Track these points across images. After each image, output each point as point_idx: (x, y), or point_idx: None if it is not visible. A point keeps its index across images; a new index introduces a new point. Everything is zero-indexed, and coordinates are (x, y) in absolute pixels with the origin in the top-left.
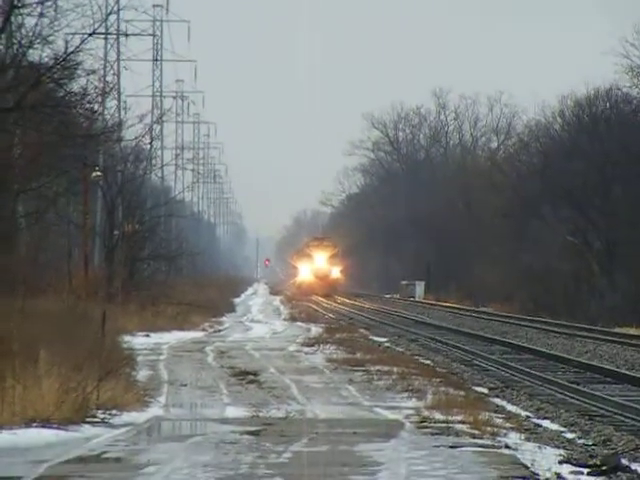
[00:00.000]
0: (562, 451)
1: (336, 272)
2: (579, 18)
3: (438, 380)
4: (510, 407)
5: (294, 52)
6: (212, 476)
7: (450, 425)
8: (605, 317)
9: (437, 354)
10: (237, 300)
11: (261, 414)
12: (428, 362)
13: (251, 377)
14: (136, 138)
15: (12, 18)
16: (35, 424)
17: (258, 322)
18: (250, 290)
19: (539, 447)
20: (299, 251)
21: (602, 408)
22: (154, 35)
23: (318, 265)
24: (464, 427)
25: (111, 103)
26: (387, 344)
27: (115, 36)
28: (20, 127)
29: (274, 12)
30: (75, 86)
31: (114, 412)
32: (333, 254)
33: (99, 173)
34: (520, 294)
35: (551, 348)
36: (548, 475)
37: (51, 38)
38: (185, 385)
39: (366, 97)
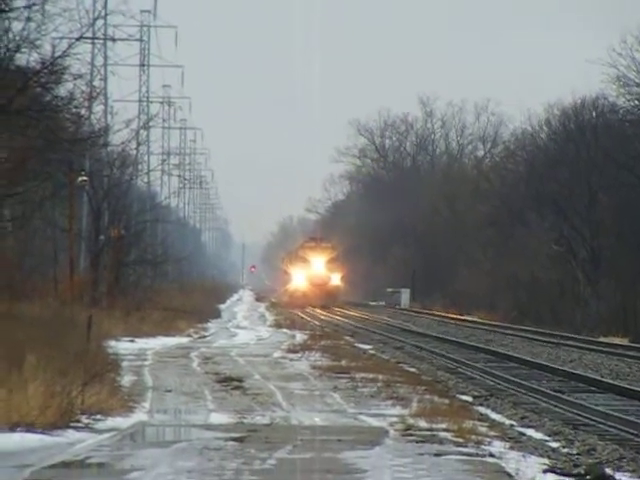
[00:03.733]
0: (546, 460)
1: (336, 279)
2: (567, 26)
3: (423, 388)
4: (494, 415)
5: (282, 59)
6: None
7: (434, 433)
8: (590, 326)
9: (422, 362)
10: (222, 306)
11: (245, 420)
12: (413, 370)
13: (236, 383)
14: (122, 143)
15: None
16: (19, 429)
17: (243, 328)
18: (235, 296)
19: (523, 456)
20: (292, 254)
21: (586, 417)
22: (141, 40)
23: (315, 271)
24: (448, 435)
25: (98, 108)
26: (372, 351)
27: (102, 41)
28: (6, 131)
29: (262, 18)
30: (62, 90)
31: (98, 417)
32: (332, 258)
33: (85, 178)
34: (505, 302)
35: (535, 357)
36: None
37: (38, 42)
38: (170, 391)
39: (353, 104)
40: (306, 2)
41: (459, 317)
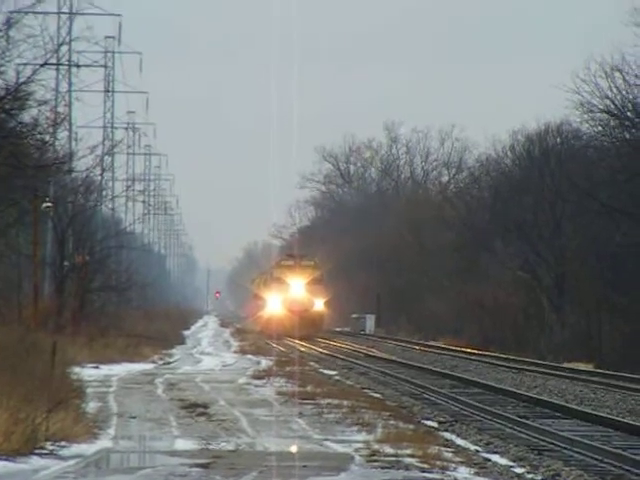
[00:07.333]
0: None
1: (319, 304)
2: (530, 53)
3: (388, 414)
4: (459, 441)
5: (248, 85)
6: None
7: (400, 459)
8: (554, 352)
9: (387, 387)
10: (187, 332)
11: (211, 447)
12: (378, 395)
13: (201, 409)
14: (87, 169)
15: None
16: None
17: (208, 354)
18: (200, 322)
19: None
20: (266, 275)
21: (551, 443)
22: (106, 66)
23: (294, 295)
24: (414, 461)
25: (62, 134)
26: (337, 377)
27: (67, 67)
28: None
29: (227, 45)
30: (26, 116)
31: (63, 444)
32: (314, 279)
33: (50, 204)
34: (470, 328)
35: (500, 382)
36: None
37: (2, 68)
38: (134, 417)
39: (318, 130)
40: (271, 30)
41: (424, 343)
